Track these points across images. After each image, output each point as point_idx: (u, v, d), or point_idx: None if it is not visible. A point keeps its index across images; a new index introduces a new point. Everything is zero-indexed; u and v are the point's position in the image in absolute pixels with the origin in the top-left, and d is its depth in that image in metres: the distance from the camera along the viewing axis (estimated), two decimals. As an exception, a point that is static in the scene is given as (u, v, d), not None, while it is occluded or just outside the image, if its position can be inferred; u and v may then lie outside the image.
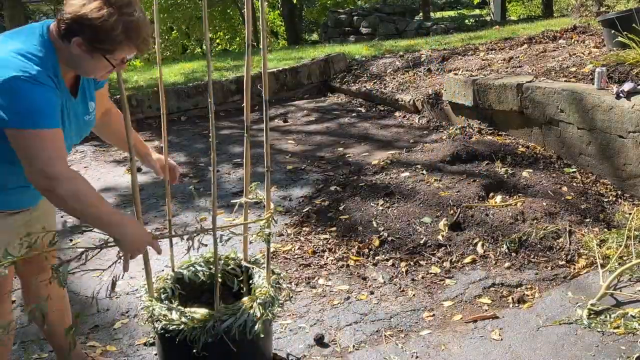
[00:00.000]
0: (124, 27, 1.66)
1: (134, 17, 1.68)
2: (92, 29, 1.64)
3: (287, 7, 19.04)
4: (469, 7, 25.50)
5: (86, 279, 3.26)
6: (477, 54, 6.96)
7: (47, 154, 1.65)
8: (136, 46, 1.72)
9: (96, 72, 1.79)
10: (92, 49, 1.69)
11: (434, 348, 2.54)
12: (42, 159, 1.64)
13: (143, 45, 1.74)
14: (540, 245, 3.32)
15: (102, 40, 1.67)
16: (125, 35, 1.68)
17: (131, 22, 1.67)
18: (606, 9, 9.18)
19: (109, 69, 1.77)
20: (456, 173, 4.15)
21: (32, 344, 2.68)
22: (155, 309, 2.10)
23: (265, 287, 2.20)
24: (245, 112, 2.04)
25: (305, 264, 3.29)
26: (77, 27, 1.66)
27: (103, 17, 1.63)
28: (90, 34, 1.65)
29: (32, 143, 1.64)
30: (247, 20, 2.00)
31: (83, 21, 1.64)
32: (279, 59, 8.47)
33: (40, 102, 1.65)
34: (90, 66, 1.75)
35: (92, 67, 1.76)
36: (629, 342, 2.47)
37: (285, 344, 2.61)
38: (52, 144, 1.66)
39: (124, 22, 1.66)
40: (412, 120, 6.06)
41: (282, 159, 5.17)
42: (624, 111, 3.78)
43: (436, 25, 13.24)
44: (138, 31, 1.70)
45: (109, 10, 1.64)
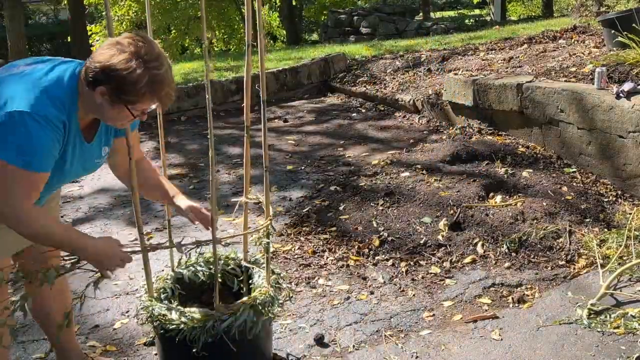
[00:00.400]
0: (149, 80, 1.70)
1: (160, 72, 1.72)
2: (118, 80, 1.68)
3: (287, 7, 19.04)
4: (469, 7, 25.50)
5: (85, 279, 3.25)
6: (477, 54, 6.96)
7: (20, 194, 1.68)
8: (159, 99, 1.76)
9: (117, 121, 1.82)
10: (115, 99, 1.72)
11: (434, 348, 2.54)
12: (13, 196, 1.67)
13: (166, 99, 1.77)
14: (540, 245, 3.32)
15: (127, 92, 1.70)
16: (149, 88, 1.71)
17: (156, 75, 1.71)
18: (606, 9, 9.18)
19: (129, 119, 1.80)
20: (456, 173, 4.15)
21: (32, 343, 2.68)
22: (155, 309, 2.10)
23: (265, 287, 2.20)
24: (245, 112, 2.04)
25: (305, 264, 3.29)
26: (104, 76, 1.68)
27: (130, 69, 1.67)
28: (115, 84, 1.69)
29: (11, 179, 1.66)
30: (247, 20, 2.00)
31: (110, 71, 1.68)
32: (278, 59, 8.47)
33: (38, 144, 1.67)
34: (112, 115, 1.78)
35: (113, 116, 1.79)
36: (629, 342, 2.47)
37: (285, 344, 2.61)
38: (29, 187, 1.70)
39: (149, 76, 1.69)
40: (412, 120, 6.06)
41: (282, 159, 5.17)
42: (624, 111, 3.78)
43: (436, 25, 13.25)
44: (162, 85, 1.73)
45: (136, 63, 1.67)
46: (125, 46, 1.69)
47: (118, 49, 1.69)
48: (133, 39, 1.71)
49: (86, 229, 3.94)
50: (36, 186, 1.73)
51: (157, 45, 1.75)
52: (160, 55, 1.73)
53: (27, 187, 1.70)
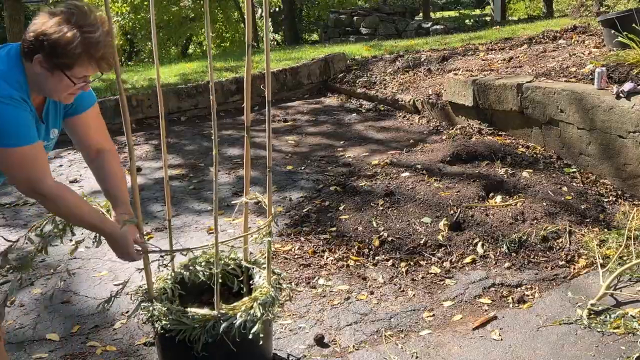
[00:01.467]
0: (82, 42, 1.70)
1: (94, 35, 1.71)
2: (50, 44, 1.69)
3: (287, 7, 19.03)
4: (469, 7, 25.49)
5: (85, 278, 3.26)
6: (477, 54, 6.96)
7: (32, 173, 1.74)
8: (95, 62, 1.74)
9: (59, 91, 1.80)
10: (52, 65, 1.72)
11: (434, 348, 2.54)
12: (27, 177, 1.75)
13: (103, 62, 1.76)
14: (540, 245, 3.32)
15: (60, 55, 1.70)
16: (83, 50, 1.70)
17: (90, 38, 1.71)
18: (606, 9, 9.19)
19: (70, 88, 1.79)
20: (456, 173, 4.15)
21: (32, 344, 2.68)
22: (155, 309, 2.10)
23: (265, 287, 2.20)
24: (246, 113, 2.04)
25: (305, 264, 3.29)
26: (38, 44, 1.70)
27: (61, 32, 1.68)
28: (48, 49, 1.69)
29: (15, 161, 1.72)
30: (247, 20, 2.00)
31: (42, 37, 1.69)
32: (278, 59, 8.47)
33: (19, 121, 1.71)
34: (52, 84, 1.77)
35: (53, 86, 1.78)
36: (629, 342, 2.47)
37: (285, 344, 2.61)
38: (35, 161, 1.75)
39: (82, 38, 1.69)
40: (412, 120, 6.06)
41: (281, 159, 5.17)
42: (624, 111, 3.78)
43: (436, 26, 13.23)
44: (97, 48, 1.72)
45: (68, 27, 1.69)
46: (56, 14, 1.71)
47: (49, 17, 1.71)
48: (66, 7, 1.73)
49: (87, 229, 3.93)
50: (42, 159, 1.79)
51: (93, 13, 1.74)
52: (94, 20, 1.73)
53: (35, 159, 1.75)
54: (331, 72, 7.80)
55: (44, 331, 2.70)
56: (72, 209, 1.85)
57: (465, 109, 5.37)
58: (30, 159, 1.74)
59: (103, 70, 1.80)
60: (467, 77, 5.38)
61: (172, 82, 7.42)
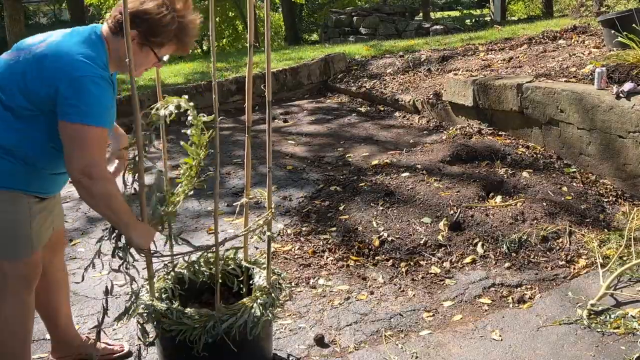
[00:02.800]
0: (178, 26, 1.88)
1: (186, 20, 1.90)
2: (150, 23, 1.85)
3: (287, 7, 19.04)
4: (469, 7, 25.49)
5: (85, 278, 3.25)
6: (477, 54, 6.96)
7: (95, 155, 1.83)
8: (184, 44, 1.94)
9: (140, 66, 1.97)
10: (145, 41, 1.88)
11: (434, 348, 2.54)
12: (88, 157, 1.82)
13: (186, 46, 1.96)
14: (540, 245, 3.32)
15: (157, 34, 1.87)
16: (177, 33, 1.89)
17: (182, 22, 1.89)
18: (606, 9, 9.19)
19: (151, 64, 1.96)
20: (456, 173, 4.15)
21: (32, 343, 2.67)
22: (155, 309, 2.10)
23: (265, 288, 2.20)
24: (247, 112, 2.04)
25: (305, 264, 3.29)
26: (137, 20, 1.83)
27: (162, 13, 1.85)
28: (147, 27, 1.85)
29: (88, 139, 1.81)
30: (250, 20, 2.00)
31: (143, 15, 1.84)
32: (279, 59, 8.47)
33: (102, 102, 1.84)
34: (139, 59, 1.91)
35: (140, 60, 1.93)
36: (629, 342, 2.47)
37: (285, 344, 2.61)
38: (100, 144, 1.85)
39: (179, 21, 1.88)
40: (412, 120, 6.06)
41: (282, 159, 5.17)
42: (624, 111, 3.78)
43: (436, 26, 13.23)
44: (188, 31, 1.92)
45: (166, 9, 1.85)
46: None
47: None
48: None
49: (87, 229, 3.94)
50: (105, 145, 1.91)
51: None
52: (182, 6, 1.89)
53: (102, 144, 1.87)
54: (331, 72, 7.80)
55: (44, 331, 2.69)
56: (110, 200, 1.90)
57: (465, 109, 5.37)
58: (101, 141, 1.85)
59: (186, 51, 1.99)
60: (467, 77, 5.38)
61: (172, 82, 7.42)
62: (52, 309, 2.36)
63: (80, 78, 1.79)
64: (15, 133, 1.87)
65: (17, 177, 1.92)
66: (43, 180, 1.99)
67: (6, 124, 1.87)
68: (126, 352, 2.54)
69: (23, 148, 1.89)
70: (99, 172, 1.85)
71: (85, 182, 1.84)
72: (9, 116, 1.87)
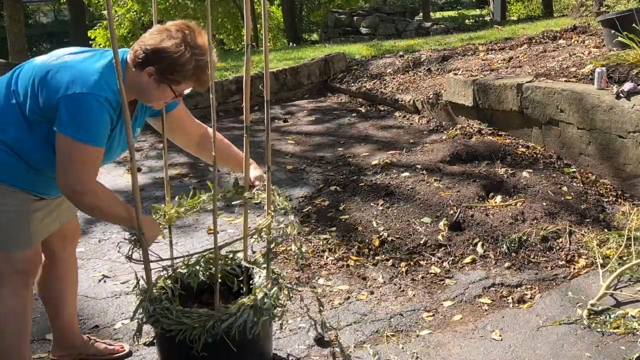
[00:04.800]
0: (195, 64, 1.90)
1: (203, 59, 1.91)
2: (169, 61, 1.87)
3: (287, 7, 19.03)
4: (469, 7, 25.49)
5: (85, 278, 3.26)
6: (477, 54, 6.96)
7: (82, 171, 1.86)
8: (200, 83, 1.96)
9: (156, 101, 2.00)
10: (162, 79, 1.91)
11: (434, 348, 2.54)
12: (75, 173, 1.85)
13: (205, 83, 1.97)
14: (540, 245, 3.32)
15: (175, 72, 1.90)
16: (194, 72, 1.92)
17: (201, 61, 1.91)
18: (606, 9, 9.18)
19: (170, 98, 1.98)
20: (456, 173, 4.15)
21: (32, 344, 2.67)
22: (155, 309, 2.10)
23: (265, 288, 2.20)
24: (245, 112, 2.04)
25: (305, 264, 3.29)
26: (155, 57, 1.88)
27: (180, 52, 1.87)
28: (165, 65, 1.88)
29: (76, 155, 1.84)
30: (247, 19, 2.00)
31: (162, 53, 1.87)
32: (278, 59, 8.47)
33: (99, 122, 1.85)
34: (155, 94, 1.96)
35: (154, 96, 1.97)
36: (629, 342, 2.47)
37: (285, 344, 2.61)
38: (89, 162, 1.87)
39: (195, 61, 1.90)
40: (412, 120, 6.06)
41: (282, 159, 5.17)
42: (624, 111, 3.78)
43: (436, 25, 13.23)
44: (204, 71, 1.93)
45: (185, 48, 1.88)
46: (174, 32, 1.89)
47: (168, 35, 1.89)
48: (180, 27, 1.91)
49: (87, 229, 3.94)
50: (99, 161, 1.92)
51: (202, 37, 1.93)
52: (204, 44, 1.92)
53: (93, 161, 1.89)
54: (331, 72, 7.80)
55: (44, 331, 2.69)
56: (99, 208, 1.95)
57: (465, 109, 5.37)
58: (91, 159, 1.88)
59: (202, 89, 2.01)
60: (467, 77, 5.38)
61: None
62: (57, 302, 2.37)
63: (83, 94, 1.81)
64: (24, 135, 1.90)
65: (19, 175, 1.95)
66: (45, 182, 2.01)
67: (17, 124, 1.90)
68: (126, 352, 2.54)
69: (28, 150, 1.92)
70: (84, 188, 1.88)
71: (72, 196, 1.90)
72: (20, 117, 1.90)
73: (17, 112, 1.90)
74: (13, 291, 2.03)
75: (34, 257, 2.07)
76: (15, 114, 1.90)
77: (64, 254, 2.33)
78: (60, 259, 2.31)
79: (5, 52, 13.86)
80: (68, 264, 2.36)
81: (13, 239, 1.99)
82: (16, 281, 2.03)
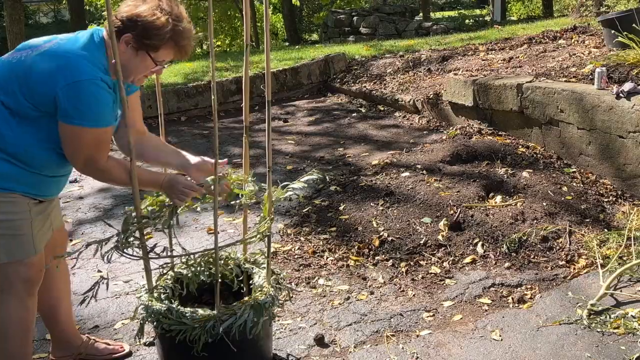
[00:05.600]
0: (172, 29, 1.88)
1: (181, 24, 1.91)
2: (144, 25, 1.86)
3: (287, 7, 19.03)
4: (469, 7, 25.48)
5: (85, 278, 3.26)
6: (477, 54, 6.96)
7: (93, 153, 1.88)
8: (178, 49, 1.94)
9: (137, 71, 1.96)
10: (140, 45, 1.88)
11: (434, 348, 2.53)
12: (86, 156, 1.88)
13: (183, 51, 1.96)
14: (540, 245, 3.32)
15: (151, 36, 1.87)
16: (172, 34, 1.89)
17: (178, 26, 1.90)
18: (606, 9, 9.19)
19: (149, 70, 1.96)
20: (456, 173, 4.15)
21: (32, 343, 2.67)
22: (155, 309, 2.10)
23: (265, 288, 2.20)
24: (244, 113, 2.04)
25: (305, 264, 3.29)
26: (130, 24, 1.86)
27: (155, 16, 1.86)
28: (141, 30, 1.86)
29: (86, 141, 1.86)
30: (246, 19, 2.00)
31: (137, 18, 1.86)
32: (278, 59, 8.47)
33: (101, 104, 1.85)
34: (133, 64, 1.93)
35: (134, 66, 1.94)
36: (629, 342, 2.47)
37: (285, 344, 2.61)
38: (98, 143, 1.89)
39: (173, 25, 1.88)
40: (412, 120, 6.06)
41: (281, 159, 5.17)
42: (624, 111, 3.78)
43: (436, 25, 13.24)
44: (182, 36, 1.92)
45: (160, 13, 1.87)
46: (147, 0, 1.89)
47: (143, 1, 1.89)
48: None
49: (87, 229, 3.94)
50: (108, 140, 1.94)
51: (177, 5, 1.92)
52: (180, 11, 1.92)
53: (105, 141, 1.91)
54: (331, 72, 7.80)
55: (44, 331, 2.69)
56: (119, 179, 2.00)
57: (465, 109, 5.37)
58: (100, 141, 1.89)
59: (180, 58, 1.99)
60: (467, 77, 5.38)
61: (172, 81, 7.42)
62: (51, 307, 2.36)
63: (79, 81, 1.80)
64: (15, 134, 1.87)
65: (17, 179, 1.92)
66: (43, 182, 2.00)
67: (6, 124, 1.87)
68: (126, 352, 2.54)
69: (22, 149, 1.89)
70: (99, 165, 1.92)
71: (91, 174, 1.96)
72: (8, 117, 1.86)
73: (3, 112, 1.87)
74: (19, 299, 2.02)
75: (39, 264, 2.06)
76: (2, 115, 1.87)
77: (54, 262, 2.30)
78: (50, 268, 2.28)
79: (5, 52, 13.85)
80: (60, 271, 2.35)
81: (19, 246, 1.97)
82: (22, 290, 2.03)
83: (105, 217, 4.15)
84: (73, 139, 1.86)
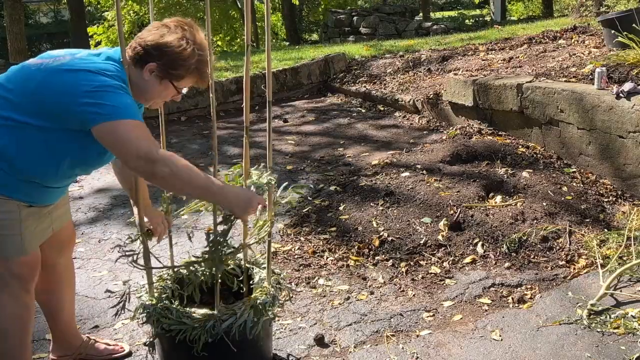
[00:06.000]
0: (198, 59, 1.89)
1: (204, 54, 1.91)
2: (171, 56, 1.85)
3: (287, 7, 19.04)
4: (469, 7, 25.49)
5: (85, 278, 3.26)
6: (477, 54, 6.96)
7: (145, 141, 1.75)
8: (201, 75, 1.94)
9: (157, 98, 1.97)
10: (164, 74, 1.88)
11: (434, 348, 2.54)
12: (141, 145, 1.74)
13: (205, 79, 1.96)
14: (540, 245, 3.32)
15: (177, 67, 1.87)
16: (197, 65, 1.89)
17: (202, 56, 1.91)
18: (606, 9, 9.19)
19: (168, 97, 1.96)
20: (456, 173, 4.15)
21: (32, 344, 2.67)
22: (155, 309, 2.10)
23: (265, 287, 2.20)
24: (245, 113, 2.04)
25: (305, 264, 3.29)
26: (156, 53, 1.85)
27: (182, 47, 1.85)
28: (167, 60, 1.85)
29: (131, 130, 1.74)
30: (247, 19, 2.00)
31: (164, 48, 1.85)
32: (278, 59, 8.47)
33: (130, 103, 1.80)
34: (155, 92, 1.93)
35: (155, 93, 1.94)
36: (629, 342, 2.47)
37: (285, 344, 2.61)
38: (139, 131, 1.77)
39: (198, 55, 1.89)
40: (412, 120, 6.06)
41: (281, 159, 5.17)
42: (624, 111, 3.78)
43: (436, 25, 13.25)
44: (205, 66, 1.93)
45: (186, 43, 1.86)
46: (173, 28, 1.88)
47: (167, 30, 1.87)
48: (178, 23, 1.90)
49: (87, 229, 3.94)
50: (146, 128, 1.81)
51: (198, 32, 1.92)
52: (202, 40, 1.91)
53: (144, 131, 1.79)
54: (331, 72, 7.80)
55: (44, 331, 2.69)
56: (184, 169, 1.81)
57: (465, 109, 5.37)
58: (141, 130, 1.77)
59: (202, 85, 1.99)
60: (467, 77, 5.38)
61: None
62: (53, 307, 2.36)
63: (100, 86, 1.76)
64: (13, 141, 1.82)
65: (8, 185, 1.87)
66: (36, 191, 1.95)
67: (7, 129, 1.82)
68: (126, 353, 2.54)
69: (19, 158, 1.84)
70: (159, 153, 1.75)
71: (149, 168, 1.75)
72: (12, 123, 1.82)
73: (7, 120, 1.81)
74: (13, 296, 2.01)
75: (32, 262, 2.03)
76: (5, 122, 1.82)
77: (61, 259, 2.31)
78: (57, 265, 2.29)
79: (5, 52, 13.86)
80: (65, 270, 2.34)
81: (7, 245, 1.94)
82: (15, 286, 2.00)
83: (104, 217, 4.15)
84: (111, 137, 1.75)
